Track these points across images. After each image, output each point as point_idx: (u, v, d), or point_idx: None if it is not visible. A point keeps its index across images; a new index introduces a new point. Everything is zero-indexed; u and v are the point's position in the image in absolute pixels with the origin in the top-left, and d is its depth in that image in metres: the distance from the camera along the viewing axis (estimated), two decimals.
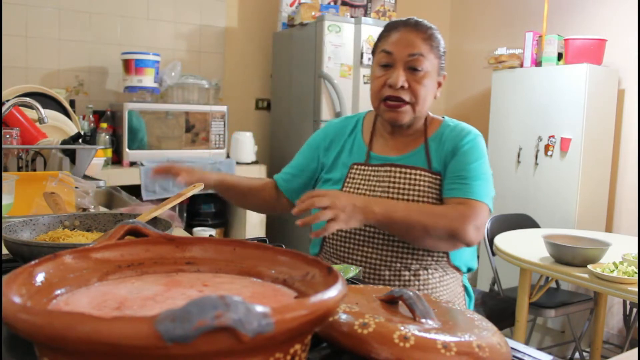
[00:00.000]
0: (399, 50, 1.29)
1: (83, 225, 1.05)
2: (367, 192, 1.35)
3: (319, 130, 1.53)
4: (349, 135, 1.46)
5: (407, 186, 1.31)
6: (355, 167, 1.39)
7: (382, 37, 1.36)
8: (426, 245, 1.27)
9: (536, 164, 3.28)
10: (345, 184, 1.39)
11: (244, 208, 1.61)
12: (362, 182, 1.37)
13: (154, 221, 1.02)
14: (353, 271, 0.98)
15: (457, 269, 1.39)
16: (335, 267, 0.99)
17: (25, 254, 0.81)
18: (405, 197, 1.31)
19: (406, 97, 1.29)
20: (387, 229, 1.26)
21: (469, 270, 1.44)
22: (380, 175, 1.35)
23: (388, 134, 1.40)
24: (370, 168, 1.37)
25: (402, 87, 1.28)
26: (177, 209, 3.15)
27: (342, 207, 1.11)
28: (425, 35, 1.31)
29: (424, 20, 1.37)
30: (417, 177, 1.32)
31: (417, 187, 1.31)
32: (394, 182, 1.33)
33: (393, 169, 1.34)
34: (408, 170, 1.33)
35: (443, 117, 1.43)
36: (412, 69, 1.29)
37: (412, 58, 1.28)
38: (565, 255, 2.07)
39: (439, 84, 1.36)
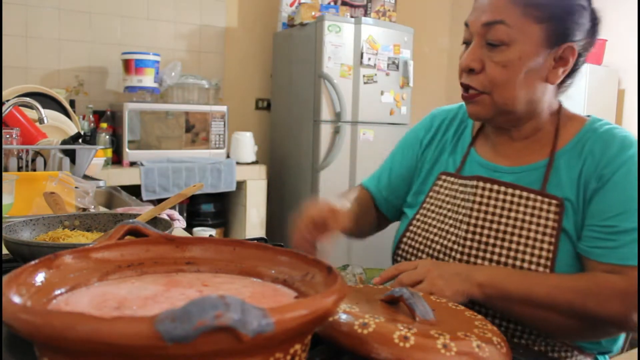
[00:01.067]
0: (474, 19, 0.93)
1: (83, 225, 1.05)
2: (448, 215, 1.01)
3: (413, 133, 1.18)
4: (457, 129, 1.11)
5: (496, 210, 0.95)
6: (444, 177, 1.05)
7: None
8: (551, 331, 0.90)
9: None
10: (425, 202, 1.06)
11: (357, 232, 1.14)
12: (446, 199, 1.02)
13: (154, 221, 1.02)
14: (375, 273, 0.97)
15: (585, 352, 0.98)
16: (375, 271, 0.97)
17: (25, 254, 0.81)
18: (490, 225, 0.94)
19: (477, 83, 0.92)
20: (499, 308, 0.89)
21: (607, 353, 1.04)
22: (468, 191, 0.99)
23: (493, 134, 1.02)
24: (459, 181, 1.01)
25: (472, 70, 0.92)
26: (177, 208, 3.15)
27: (438, 275, 0.83)
28: None
29: None
30: (514, 199, 0.94)
31: (512, 214, 0.93)
32: (480, 203, 0.96)
33: (481, 184, 0.97)
34: (501, 189, 0.95)
35: (589, 117, 1.02)
36: (490, 44, 0.91)
37: (487, 28, 0.90)
38: None
39: (562, 62, 0.92)
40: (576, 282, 0.86)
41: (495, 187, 0.96)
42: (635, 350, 0.73)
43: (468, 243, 0.95)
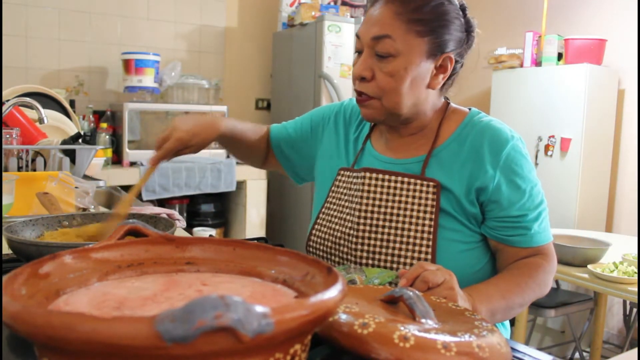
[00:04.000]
0: (364, 32, 1.02)
1: (82, 225, 1.05)
2: (345, 205, 1.10)
3: (330, 107, 1.28)
4: (359, 124, 1.21)
5: (382, 196, 1.06)
6: (342, 172, 1.15)
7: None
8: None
9: (536, 164, 3.28)
10: (329, 197, 1.17)
11: (241, 160, 1.36)
12: (344, 192, 1.13)
13: (155, 221, 1.02)
14: (391, 276, 0.96)
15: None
16: (374, 271, 0.97)
17: (33, 254, 0.81)
18: (378, 209, 1.05)
19: (368, 90, 1.02)
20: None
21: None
22: (359, 183, 1.09)
23: (387, 131, 1.13)
24: (353, 175, 1.12)
25: (363, 78, 1.01)
26: (177, 208, 3.15)
27: (455, 283, 0.86)
28: (400, 9, 0.99)
29: None
30: (398, 185, 1.06)
31: (397, 198, 1.04)
32: (368, 192, 1.07)
33: (368, 174, 1.08)
34: (385, 177, 1.07)
35: (469, 110, 1.14)
36: (378, 55, 1.00)
37: (375, 42, 0.99)
38: (565, 255, 2.07)
39: (442, 69, 1.03)
40: (524, 278, 1.00)
41: (380, 175, 1.07)
42: (635, 350, 0.73)
43: (361, 227, 1.06)
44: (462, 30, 1.07)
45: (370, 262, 1.04)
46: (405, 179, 1.05)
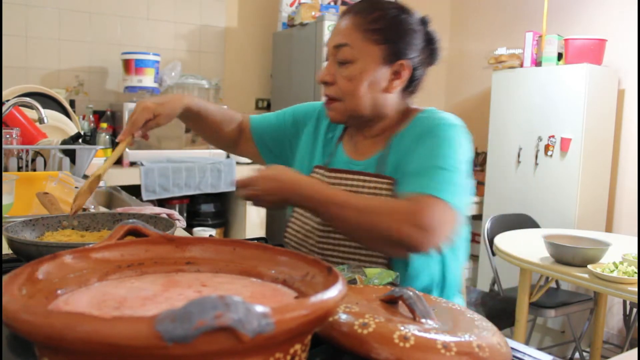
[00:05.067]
0: (329, 41, 1.15)
1: (81, 225, 1.05)
2: None
3: (314, 105, 1.36)
4: (333, 126, 1.29)
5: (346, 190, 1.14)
6: (316, 170, 1.24)
7: None
8: (369, 247, 1.07)
9: (536, 164, 3.28)
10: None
11: (207, 141, 1.42)
12: None
13: (154, 221, 1.02)
14: (391, 276, 0.96)
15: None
16: (374, 271, 0.96)
17: (33, 254, 0.81)
18: None
19: (332, 93, 1.14)
20: (323, 219, 1.08)
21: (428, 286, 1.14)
22: (334, 183, 1.17)
23: (354, 133, 1.22)
24: (327, 173, 1.20)
25: (326, 82, 1.13)
26: (177, 208, 3.15)
27: (265, 189, 1.03)
28: (358, 21, 1.10)
29: (375, 1, 1.15)
30: (356, 183, 1.14)
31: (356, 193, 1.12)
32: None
33: (332, 174, 1.18)
34: (348, 176, 1.16)
35: (425, 109, 1.20)
36: (339, 63, 1.12)
37: (337, 50, 1.11)
38: (565, 255, 2.07)
39: (397, 75, 1.12)
40: (376, 203, 1.02)
41: (344, 175, 1.16)
42: (635, 350, 0.73)
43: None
44: (422, 40, 1.16)
45: (333, 254, 1.12)
46: (363, 177, 1.14)
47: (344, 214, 1.00)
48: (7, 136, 1.70)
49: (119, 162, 2.93)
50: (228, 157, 3.18)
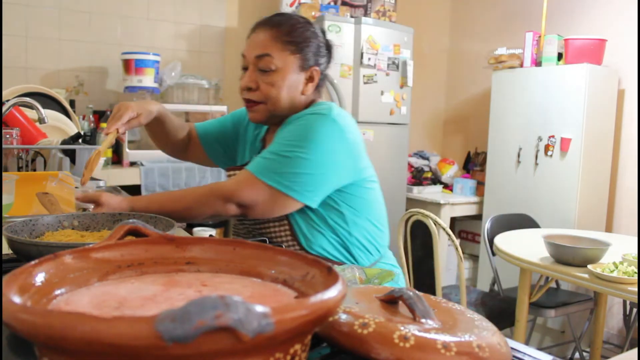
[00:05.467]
0: (249, 52, 1.29)
1: (82, 225, 1.05)
2: None
3: (242, 109, 1.52)
4: (255, 127, 1.47)
5: None
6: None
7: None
8: (200, 219, 1.27)
9: (536, 164, 3.28)
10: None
11: (158, 146, 1.57)
12: None
13: (154, 221, 1.02)
14: (390, 276, 0.96)
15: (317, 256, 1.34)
16: (374, 271, 0.97)
17: (33, 254, 0.81)
18: None
19: (255, 97, 1.29)
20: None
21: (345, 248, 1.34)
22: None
23: (274, 129, 1.40)
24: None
25: (250, 88, 1.28)
26: None
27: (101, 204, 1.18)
28: (275, 34, 1.27)
29: (287, 15, 1.34)
30: None
31: None
32: None
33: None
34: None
35: (321, 102, 1.37)
36: (261, 70, 1.27)
37: (258, 59, 1.27)
38: (565, 255, 2.07)
39: (310, 79, 1.31)
40: (179, 192, 1.26)
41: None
42: (635, 350, 0.73)
43: None
44: (324, 47, 1.35)
45: (252, 234, 1.34)
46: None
47: (171, 209, 1.20)
48: (7, 136, 1.70)
49: (119, 162, 2.93)
50: None
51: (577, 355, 2.93)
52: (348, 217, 1.31)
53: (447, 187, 3.93)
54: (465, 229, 4.06)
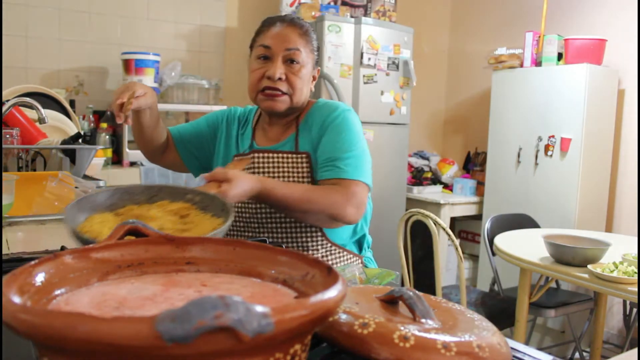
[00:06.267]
0: (277, 44, 1.35)
1: (201, 203, 0.96)
2: None
3: (222, 111, 1.58)
4: (242, 126, 1.52)
5: (271, 169, 1.38)
6: (236, 159, 1.43)
7: (259, 32, 1.41)
8: (308, 222, 1.34)
9: (536, 164, 3.28)
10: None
11: (141, 144, 1.53)
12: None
13: (211, 199, 0.96)
14: (390, 276, 0.96)
15: (339, 246, 1.42)
16: (374, 271, 0.97)
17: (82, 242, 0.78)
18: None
19: (283, 88, 1.35)
20: (272, 206, 1.30)
21: (358, 242, 1.48)
22: (248, 164, 1.41)
23: (267, 125, 1.46)
24: (246, 156, 1.43)
25: (280, 78, 1.34)
26: None
27: (230, 180, 1.14)
28: (301, 31, 1.38)
29: (299, 17, 1.44)
30: (280, 159, 1.38)
31: (281, 170, 1.37)
32: (260, 168, 1.39)
33: (258, 154, 1.40)
34: (271, 155, 1.39)
35: (318, 100, 1.48)
36: (289, 62, 1.36)
37: (289, 52, 1.35)
38: (565, 255, 2.07)
39: (314, 78, 1.44)
40: (316, 191, 1.27)
41: (265, 154, 1.40)
42: (635, 350, 0.73)
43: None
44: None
45: (266, 225, 1.36)
46: (284, 155, 1.38)
47: (296, 203, 1.23)
48: (7, 136, 1.70)
49: (119, 162, 2.93)
50: None
51: (577, 355, 2.93)
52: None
53: (447, 187, 3.93)
54: (465, 229, 4.06)
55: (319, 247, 1.38)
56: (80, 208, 0.89)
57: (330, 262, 1.26)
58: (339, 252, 1.41)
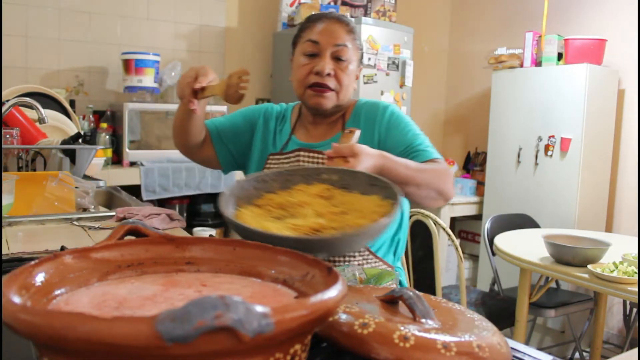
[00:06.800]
0: (325, 39, 1.34)
1: (341, 182, 0.92)
2: None
3: (258, 107, 1.54)
4: (279, 123, 1.49)
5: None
6: (271, 157, 1.42)
7: (306, 28, 1.40)
8: (415, 199, 1.28)
9: (536, 164, 3.28)
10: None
11: (183, 137, 1.43)
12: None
13: (354, 177, 0.93)
14: (390, 276, 0.95)
15: (384, 261, 1.37)
16: (374, 271, 0.96)
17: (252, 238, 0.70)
18: None
19: (331, 84, 1.34)
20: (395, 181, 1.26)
21: (396, 255, 1.45)
22: (292, 161, 1.38)
23: (309, 123, 1.44)
24: (283, 156, 1.40)
25: (329, 74, 1.33)
26: (177, 208, 3.15)
27: (357, 154, 1.07)
28: (348, 28, 1.36)
29: (344, 15, 1.42)
30: (325, 160, 1.30)
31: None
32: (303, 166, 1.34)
33: (302, 153, 1.37)
34: (316, 155, 1.35)
35: (358, 99, 1.47)
36: (337, 59, 1.34)
37: (337, 48, 1.33)
38: (565, 255, 2.07)
39: (356, 77, 1.41)
40: (428, 165, 1.25)
41: (311, 153, 1.36)
42: (635, 350, 0.73)
43: None
44: None
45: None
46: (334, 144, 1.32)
47: (414, 175, 1.18)
48: (7, 136, 1.70)
49: (119, 162, 2.93)
50: None
51: (577, 355, 2.93)
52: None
53: None
54: (465, 229, 4.06)
55: (356, 253, 1.34)
56: (225, 202, 0.84)
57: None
58: (375, 262, 1.35)
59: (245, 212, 0.85)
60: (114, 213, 1.48)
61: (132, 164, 2.91)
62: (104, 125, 2.94)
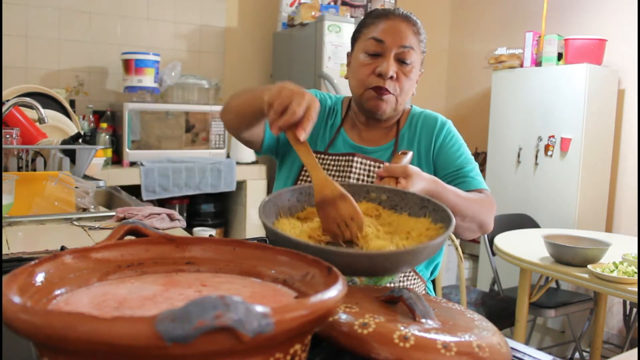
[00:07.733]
0: (391, 39, 1.24)
1: (389, 202, 0.89)
2: None
3: (311, 92, 1.35)
4: (330, 117, 1.39)
5: (368, 178, 1.26)
6: (320, 157, 1.33)
7: (369, 24, 1.29)
8: (455, 230, 1.18)
9: (536, 164, 3.28)
10: (301, 175, 1.32)
11: (236, 123, 1.30)
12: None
13: (403, 197, 0.90)
14: (391, 276, 0.95)
15: (420, 276, 1.31)
16: None
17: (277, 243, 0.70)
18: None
19: (392, 87, 1.25)
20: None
21: (431, 275, 1.39)
22: (341, 164, 1.29)
23: (361, 124, 1.36)
24: (330, 157, 1.31)
25: (392, 77, 1.24)
26: (177, 208, 3.15)
27: (410, 175, 1.00)
28: (415, 29, 1.27)
29: (411, 13, 1.31)
30: (377, 169, 1.25)
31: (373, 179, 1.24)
32: (357, 173, 1.27)
33: (357, 159, 1.28)
34: (370, 162, 1.28)
35: (411, 106, 1.41)
36: (401, 61, 1.25)
37: (403, 50, 1.24)
38: (565, 255, 2.07)
39: (416, 81, 1.34)
40: (475, 195, 1.22)
41: (366, 160, 1.29)
42: (635, 350, 0.73)
43: None
44: None
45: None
46: (386, 164, 1.18)
47: (463, 205, 1.13)
48: (7, 136, 1.70)
49: (119, 162, 2.93)
50: (228, 156, 3.19)
51: (577, 355, 2.93)
52: None
53: None
54: None
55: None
56: (266, 212, 0.81)
57: (392, 283, 1.17)
58: (408, 274, 1.28)
59: (283, 222, 0.83)
60: (114, 213, 1.48)
61: (132, 164, 2.91)
62: (104, 125, 2.94)
